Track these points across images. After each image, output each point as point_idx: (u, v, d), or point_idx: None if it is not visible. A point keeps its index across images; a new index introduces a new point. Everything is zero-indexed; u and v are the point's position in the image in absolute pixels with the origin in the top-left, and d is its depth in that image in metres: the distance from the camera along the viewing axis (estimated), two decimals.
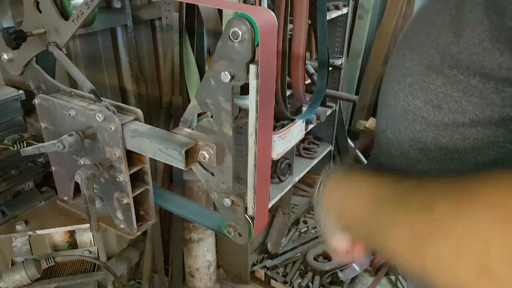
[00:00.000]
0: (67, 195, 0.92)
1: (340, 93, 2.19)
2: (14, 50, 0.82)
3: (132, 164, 0.76)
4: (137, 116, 0.74)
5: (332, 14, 2.02)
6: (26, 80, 0.88)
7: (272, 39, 0.56)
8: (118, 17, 1.66)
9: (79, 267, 0.97)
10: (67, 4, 0.77)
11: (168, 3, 1.58)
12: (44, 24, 0.79)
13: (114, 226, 0.85)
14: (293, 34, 1.49)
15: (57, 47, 0.79)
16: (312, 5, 1.51)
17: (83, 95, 0.79)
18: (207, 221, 0.84)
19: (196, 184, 1.85)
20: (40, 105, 0.80)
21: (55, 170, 0.89)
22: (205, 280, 2.13)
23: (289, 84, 1.59)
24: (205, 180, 0.70)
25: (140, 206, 0.85)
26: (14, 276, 0.88)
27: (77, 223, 0.93)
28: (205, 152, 0.64)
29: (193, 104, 0.65)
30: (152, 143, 0.67)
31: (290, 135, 1.78)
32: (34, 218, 0.94)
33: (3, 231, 0.91)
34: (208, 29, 1.46)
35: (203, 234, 1.99)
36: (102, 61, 1.69)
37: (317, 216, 0.60)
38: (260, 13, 0.53)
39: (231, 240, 0.73)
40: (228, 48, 0.55)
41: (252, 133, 0.60)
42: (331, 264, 2.12)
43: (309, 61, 1.85)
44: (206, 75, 0.60)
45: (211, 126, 0.64)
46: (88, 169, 0.71)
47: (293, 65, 1.52)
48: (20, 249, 0.94)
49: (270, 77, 0.59)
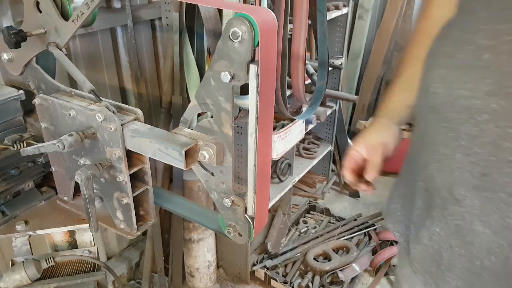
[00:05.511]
0: (67, 195, 0.92)
1: (340, 93, 2.19)
2: (14, 50, 0.82)
3: (132, 164, 0.76)
4: (137, 116, 0.74)
5: (332, 14, 2.02)
6: (26, 80, 0.88)
7: (272, 39, 0.56)
8: (118, 17, 1.66)
9: (79, 267, 0.97)
10: (67, 4, 0.77)
11: (168, 3, 1.58)
12: (44, 24, 0.79)
13: (114, 226, 0.85)
14: (293, 34, 1.49)
15: (57, 47, 0.79)
16: (312, 5, 1.51)
17: (83, 95, 0.79)
18: (207, 221, 0.84)
19: (196, 184, 1.85)
20: (40, 105, 0.80)
21: (55, 170, 0.89)
22: (205, 280, 2.13)
23: (289, 84, 1.59)
24: (205, 180, 0.70)
25: (140, 206, 0.85)
26: (14, 276, 0.88)
27: (77, 223, 0.93)
28: (205, 152, 0.64)
29: (193, 104, 0.65)
30: (152, 143, 0.67)
31: (290, 135, 1.78)
32: (34, 218, 0.94)
33: (3, 231, 0.91)
34: (208, 29, 1.46)
35: (203, 234, 1.99)
36: (102, 61, 1.69)
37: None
38: (260, 13, 0.53)
39: (231, 240, 0.73)
40: (228, 48, 0.55)
41: (252, 133, 0.60)
42: (331, 264, 2.12)
43: (309, 61, 1.85)
44: (206, 75, 0.60)
45: (211, 126, 0.64)
46: (88, 169, 0.71)
47: (293, 65, 1.52)
48: (20, 249, 0.94)
49: (270, 77, 0.59)
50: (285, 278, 2.10)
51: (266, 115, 0.61)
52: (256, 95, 0.57)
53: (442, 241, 0.62)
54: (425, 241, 0.65)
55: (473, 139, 0.54)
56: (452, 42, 0.58)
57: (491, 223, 0.54)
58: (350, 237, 2.36)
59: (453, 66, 0.56)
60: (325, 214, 2.62)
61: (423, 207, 0.65)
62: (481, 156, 0.53)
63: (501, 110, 0.50)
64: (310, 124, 1.98)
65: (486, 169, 0.53)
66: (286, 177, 2.11)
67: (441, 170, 0.59)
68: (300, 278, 2.11)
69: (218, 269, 2.24)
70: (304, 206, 2.67)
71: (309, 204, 2.69)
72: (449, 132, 0.57)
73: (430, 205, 0.63)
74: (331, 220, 2.57)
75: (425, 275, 0.66)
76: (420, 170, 0.65)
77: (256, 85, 0.56)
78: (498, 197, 0.52)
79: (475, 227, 0.56)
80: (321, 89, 1.64)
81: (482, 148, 0.53)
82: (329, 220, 2.57)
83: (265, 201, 0.71)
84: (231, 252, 2.15)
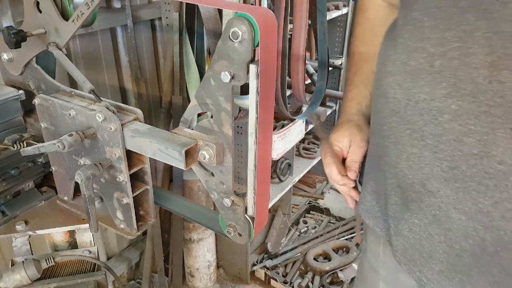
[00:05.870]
0: (67, 195, 0.92)
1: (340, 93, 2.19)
2: (14, 50, 0.82)
3: (132, 164, 0.76)
4: (137, 116, 0.74)
5: (332, 14, 2.02)
6: (26, 80, 0.88)
7: (272, 39, 0.57)
8: (118, 17, 1.66)
9: (79, 267, 0.97)
10: (67, 4, 0.77)
11: (168, 3, 1.58)
12: (44, 24, 0.79)
13: (114, 226, 0.85)
14: (293, 34, 1.49)
15: (57, 47, 0.79)
16: (312, 5, 1.51)
17: (83, 95, 0.79)
18: (207, 221, 0.84)
19: (196, 184, 1.85)
20: (40, 105, 0.80)
21: (55, 170, 0.89)
22: (205, 280, 2.13)
23: (289, 84, 1.59)
24: (205, 180, 0.70)
25: (140, 206, 0.85)
26: (14, 276, 0.88)
27: (77, 223, 0.93)
28: (205, 152, 0.64)
29: (193, 104, 0.65)
30: (152, 143, 0.67)
31: (290, 135, 1.78)
32: (34, 218, 0.94)
33: (3, 231, 0.91)
34: (208, 29, 1.46)
35: (203, 234, 1.99)
36: (102, 61, 1.69)
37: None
38: (260, 13, 0.53)
39: (231, 240, 0.73)
40: (228, 48, 0.55)
41: (252, 133, 0.60)
42: (331, 264, 2.12)
43: (309, 61, 1.85)
44: (206, 75, 0.60)
45: (211, 126, 0.64)
46: (88, 169, 0.71)
47: (293, 65, 1.52)
48: (20, 249, 0.94)
49: (270, 77, 0.59)
50: (285, 278, 2.10)
51: (266, 115, 0.61)
52: (256, 95, 0.57)
53: (421, 231, 0.65)
54: (405, 233, 0.68)
55: (438, 138, 0.57)
56: (402, 50, 0.61)
57: (465, 209, 0.58)
58: (350, 237, 2.36)
59: (408, 72, 0.60)
60: (325, 214, 2.62)
61: (399, 202, 0.68)
62: (447, 152, 0.57)
63: (461, 110, 0.54)
64: (310, 124, 1.98)
65: (454, 163, 0.57)
66: (286, 177, 2.11)
67: (411, 168, 0.63)
68: (300, 278, 2.12)
69: (218, 269, 2.24)
70: (304, 206, 2.67)
71: (309, 204, 2.69)
72: (414, 133, 0.60)
73: (406, 199, 0.66)
74: (331, 220, 2.57)
75: (409, 264, 0.69)
76: (390, 168, 0.68)
77: (256, 85, 0.56)
78: (469, 186, 0.56)
79: (451, 215, 0.60)
80: (321, 89, 1.64)
81: (448, 145, 0.57)
82: (329, 220, 2.57)
83: (265, 201, 0.71)
84: (231, 252, 2.15)
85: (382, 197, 0.74)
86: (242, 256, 2.11)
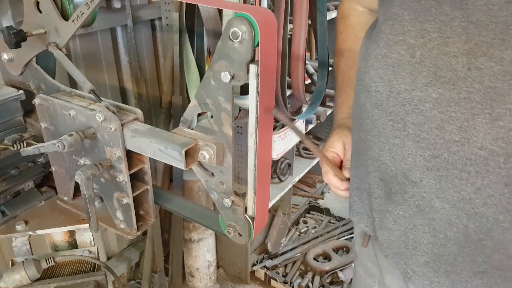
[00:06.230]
0: (67, 195, 0.92)
1: None
2: (14, 50, 0.82)
3: (132, 164, 0.76)
4: (137, 116, 0.74)
5: (332, 14, 2.02)
6: (26, 80, 0.88)
7: (272, 39, 0.57)
8: (118, 17, 1.66)
9: (79, 267, 0.97)
10: (67, 4, 0.77)
11: (168, 3, 1.58)
12: (44, 24, 0.79)
13: (114, 226, 0.85)
14: (293, 34, 1.49)
15: (57, 47, 0.79)
16: (312, 5, 1.51)
17: (83, 95, 0.79)
18: (207, 221, 0.84)
19: (196, 184, 1.85)
20: (40, 105, 0.80)
21: (55, 170, 0.89)
22: (205, 280, 2.13)
23: (289, 84, 1.59)
24: (205, 180, 0.70)
25: (140, 206, 0.85)
26: (14, 276, 0.88)
27: (77, 223, 0.93)
28: (205, 152, 0.64)
29: (193, 104, 0.65)
30: (152, 143, 0.67)
31: (290, 135, 1.78)
32: (34, 218, 0.94)
33: (3, 231, 0.91)
34: (208, 29, 1.46)
35: (203, 234, 1.99)
36: (102, 61, 1.69)
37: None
38: (260, 13, 0.53)
39: (231, 240, 0.73)
40: (228, 48, 0.55)
41: (252, 133, 0.60)
42: (331, 264, 2.13)
43: (309, 61, 1.85)
44: (206, 75, 0.60)
45: (211, 126, 0.64)
46: (88, 169, 0.71)
47: (293, 65, 1.52)
48: (20, 249, 0.94)
49: (270, 77, 0.59)
50: (285, 278, 2.11)
51: (266, 115, 0.61)
52: (256, 95, 0.57)
53: (406, 223, 0.66)
54: (390, 226, 0.69)
55: (420, 127, 0.59)
56: (384, 44, 0.62)
57: (448, 198, 0.59)
58: (350, 237, 2.36)
59: (390, 65, 0.61)
60: (325, 214, 2.62)
61: (383, 195, 0.69)
62: (429, 141, 0.58)
63: (442, 98, 0.56)
64: (310, 124, 1.98)
65: (436, 151, 0.58)
66: (286, 177, 2.10)
67: (394, 159, 0.64)
68: (300, 278, 2.12)
69: (218, 269, 2.24)
70: (304, 206, 2.67)
71: (309, 204, 2.69)
72: (396, 123, 0.62)
73: (390, 191, 0.67)
74: (331, 220, 2.57)
75: (395, 257, 0.70)
76: (372, 161, 0.69)
77: (256, 85, 0.56)
78: (451, 174, 0.58)
79: (434, 204, 0.61)
80: (321, 89, 1.64)
81: (430, 133, 0.58)
82: (329, 220, 2.57)
83: (265, 201, 0.71)
84: (231, 252, 2.15)
85: (364, 192, 0.75)
86: (242, 256, 2.11)
